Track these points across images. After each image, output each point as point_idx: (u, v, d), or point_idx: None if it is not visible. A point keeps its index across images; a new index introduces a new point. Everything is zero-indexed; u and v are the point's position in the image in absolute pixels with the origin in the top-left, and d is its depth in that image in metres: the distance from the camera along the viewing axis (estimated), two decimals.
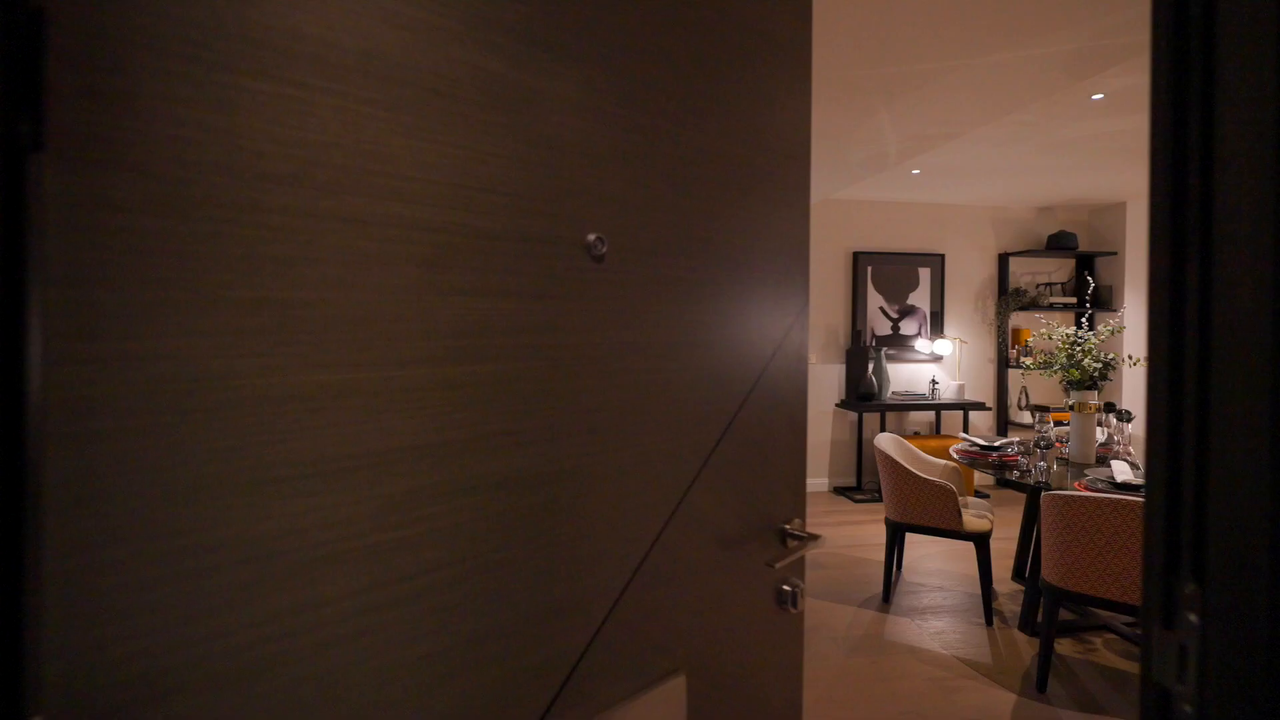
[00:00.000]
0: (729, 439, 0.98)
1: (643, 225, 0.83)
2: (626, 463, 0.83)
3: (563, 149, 0.74)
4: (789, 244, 1.10)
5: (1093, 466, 2.99)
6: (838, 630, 2.95)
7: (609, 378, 0.80)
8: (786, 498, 1.12)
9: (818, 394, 5.49)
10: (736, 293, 0.99)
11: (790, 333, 1.11)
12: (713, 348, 0.95)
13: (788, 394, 1.10)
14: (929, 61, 2.18)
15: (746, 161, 1.00)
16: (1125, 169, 4.34)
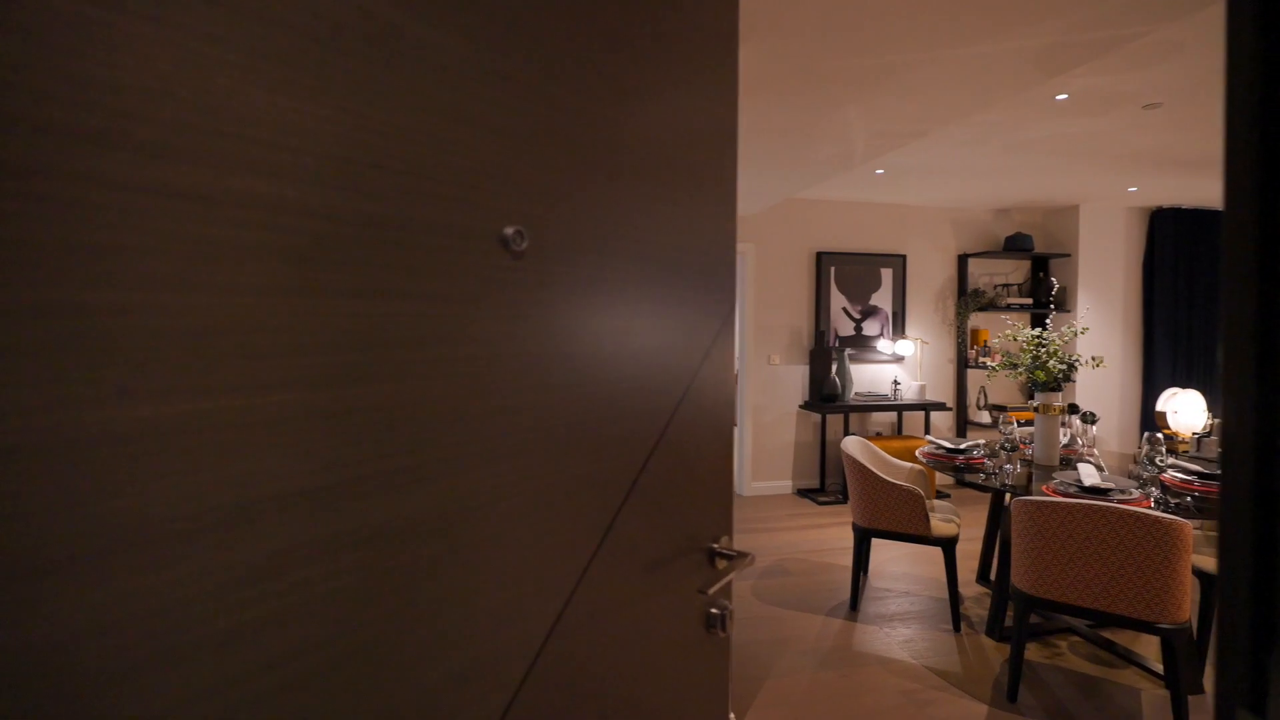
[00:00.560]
0: (658, 456, 0.87)
1: (569, 218, 0.70)
2: (549, 493, 0.69)
3: (475, 124, 0.60)
4: (717, 243, 1.01)
5: (1058, 469, 2.97)
6: (806, 642, 2.86)
7: (530, 395, 0.66)
8: (715, 514, 1.03)
9: (781, 395, 5.44)
10: (668, 296, 0.88)
11: (718, 338, 1.02)
12: (643, 357, 0.83)
13: (715, 403, 1.02)
14: (902, 53, 2.10)
15: (677, 153, 0.89)
16: (1079, 172, 4.39)
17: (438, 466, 0.57)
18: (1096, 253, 5.59)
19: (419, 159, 0.55)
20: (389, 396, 0.53)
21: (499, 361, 0.62)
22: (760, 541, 4.24)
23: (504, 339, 0.62)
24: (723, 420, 1.04)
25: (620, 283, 0.78)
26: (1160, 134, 3.51)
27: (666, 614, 0.91)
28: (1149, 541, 2.12)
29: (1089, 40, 1.97)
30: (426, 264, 0.55)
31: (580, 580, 0.73)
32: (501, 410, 0.62)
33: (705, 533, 1.00)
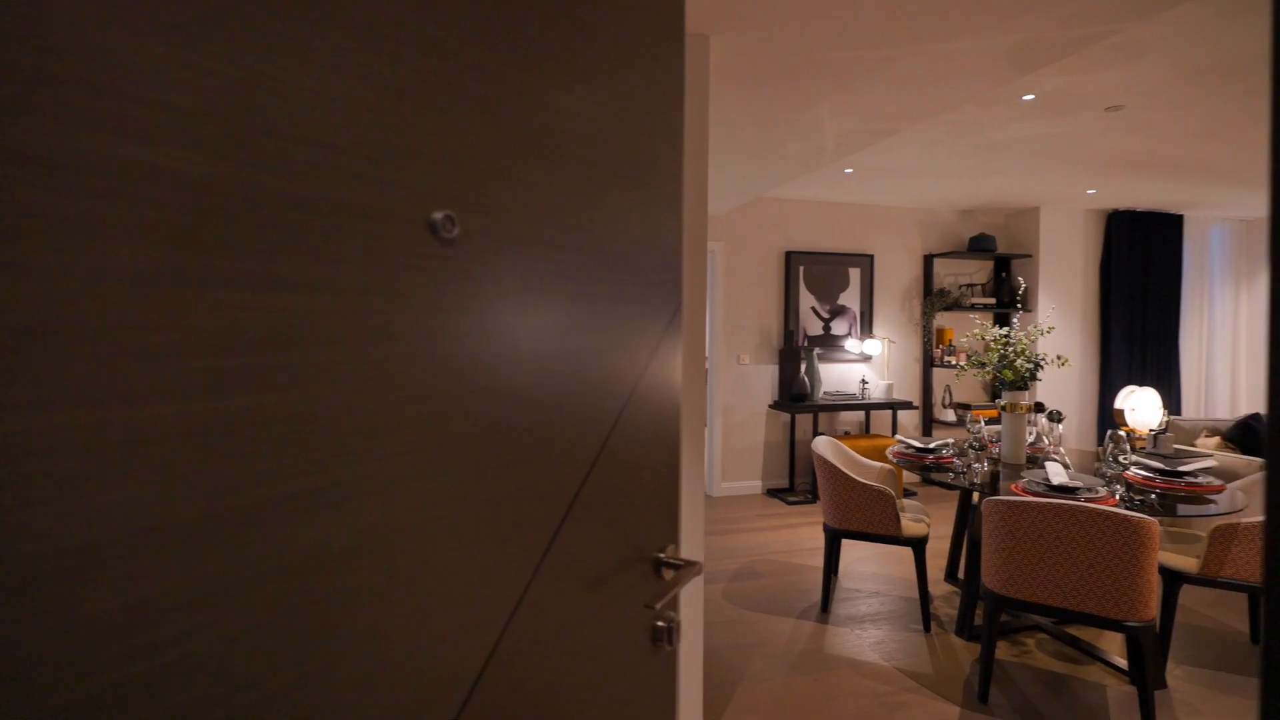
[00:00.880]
0: (602, 464, 0.80)
1: (505, 205, 0.62)
2: (484, 510, 0.61)
3: (401, 93, 0.51)
4: (664, 237, 0.95)
5: (1025, 467, 2.99)
6: (778, 645, 2.82)
7: (461, 402, 0.58)
8: (661, 523, 0.97)
9: (751, 395, 5.41)
10: (612, 292, 0.81)
11: (665, 337, 0.96)
12: (587, 358, 0.76)
13: (662, 407, 0.96)
14: (880, 47, 2.06)
15: (624, 139, 0.82)
16: (1042, 174, 4.46)
17: (353, 487, 0.48)
18: (1056, 254, 5.71)
19: (333, 128, 0.47)
20: (292, 407, 0.44)
21: (425, 364, 0.53)
22: (730, 543, 4.20)
23: (431, 338, 0.53)
24: (669, 423, 0.98)
25: (561, 276, 0.70)
26: (1120, 136, 3.57)
27: (611, 632, 0.84)
28: (1118, 540, 2.13)
29: (1062, 37, 1.96)
30: (339, 250, 0.46)
31: (519, 603, 0.65)
32: (428, 419, 0.54)
33: (651, 542, 0.94)
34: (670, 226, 0.97)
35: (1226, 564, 2.49)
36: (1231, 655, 2.79)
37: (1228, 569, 2.49)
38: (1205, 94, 2.93)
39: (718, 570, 3.71)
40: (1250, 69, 2.65)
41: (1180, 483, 2.68)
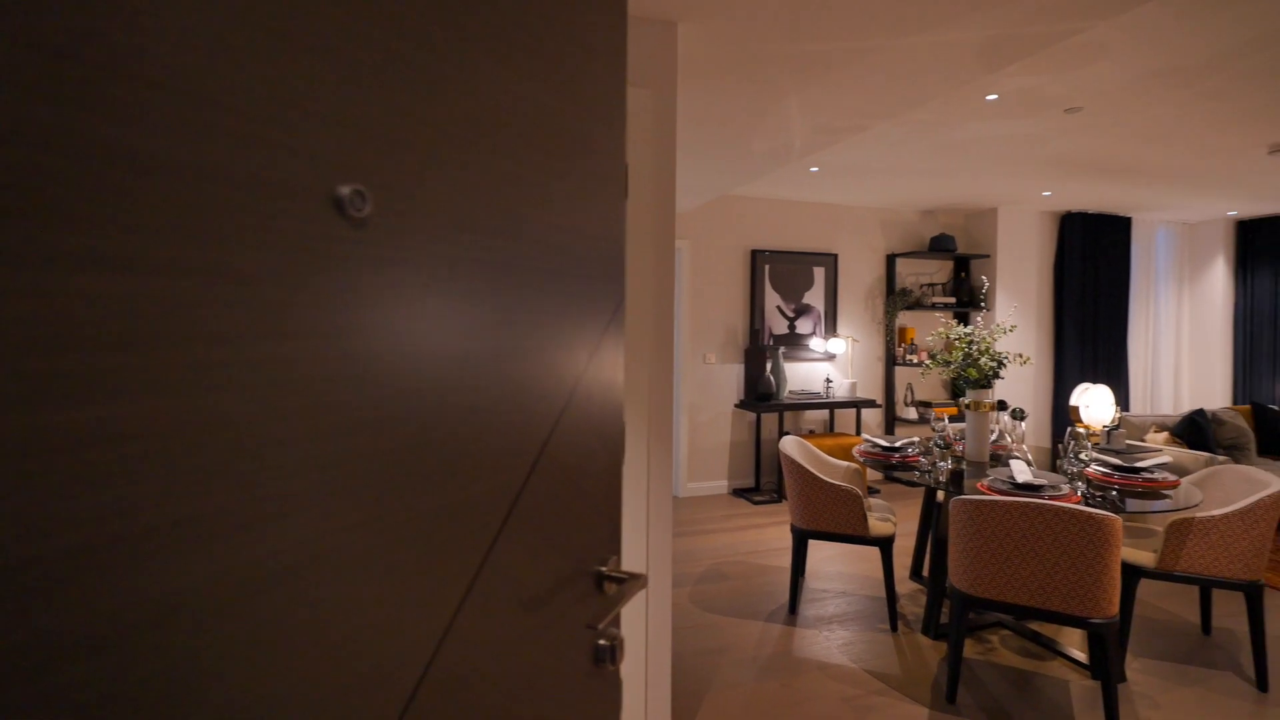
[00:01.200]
0: (540, 473, 0.72)
1: (429, 183, 0.53)
2: (403, 531, 0.52)
3: (303, 43, 0.42)
4: (607, 227, 0.87)
5: (989, 465, 3.00)
6: (746, 650, 2.76)
7: (376, 408, 0.49)
8: (603, 534, 0.90)
9: (717, 394, 5.37)
10: (550, 285, 0.73)
11: (607, 335, 0.89)
12: (523, 357, 0.68)
13: (603, 409, 0.88)
14: (851, 40, 2.01)
15: (563, 122, 0.74)
16: (1001, 175, 4.53)
17: (239, 514, 0.38)
18: (1013, 254, 5.83)
19: (214, 74, 0.37)
20: (156, 419, 0.34)
21: (329, 365, 0.44)
22: (697, 545, 4.14)
23: (336, 334, 0.44)
24: (611, 426, 0.91)
25: (492, 267, 0.61)
26: (1077, 138, 3.63)
27: (550, 655, 0.76)
28: (1083, 538, 2.13)
29: (1031, 33, 1.94)
30: (215, 226, 0.37)
31: (446, 633, 0.56)
32: (334, 431, 0.44)
33: (593, 555, 0.87)
34: (612, 217, 0.89)
35: (1182, 558, 2.53)
36: (1186, 647, 2.85)
37: (1183, 563, 2.53)
38: (1158, 97, 2.99)
39: (684, 573, 3.64)
40: (1202, 72, 2.71)
41: (1137, 479, 2.72)
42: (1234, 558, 2.48)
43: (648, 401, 1.90)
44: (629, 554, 1.88)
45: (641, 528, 1.90)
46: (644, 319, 1.88)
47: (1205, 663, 2.72)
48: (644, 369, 1.88)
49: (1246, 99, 3.02)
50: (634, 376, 1.87)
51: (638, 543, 1.89)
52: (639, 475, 1.89)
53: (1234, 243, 6.42)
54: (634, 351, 1.87)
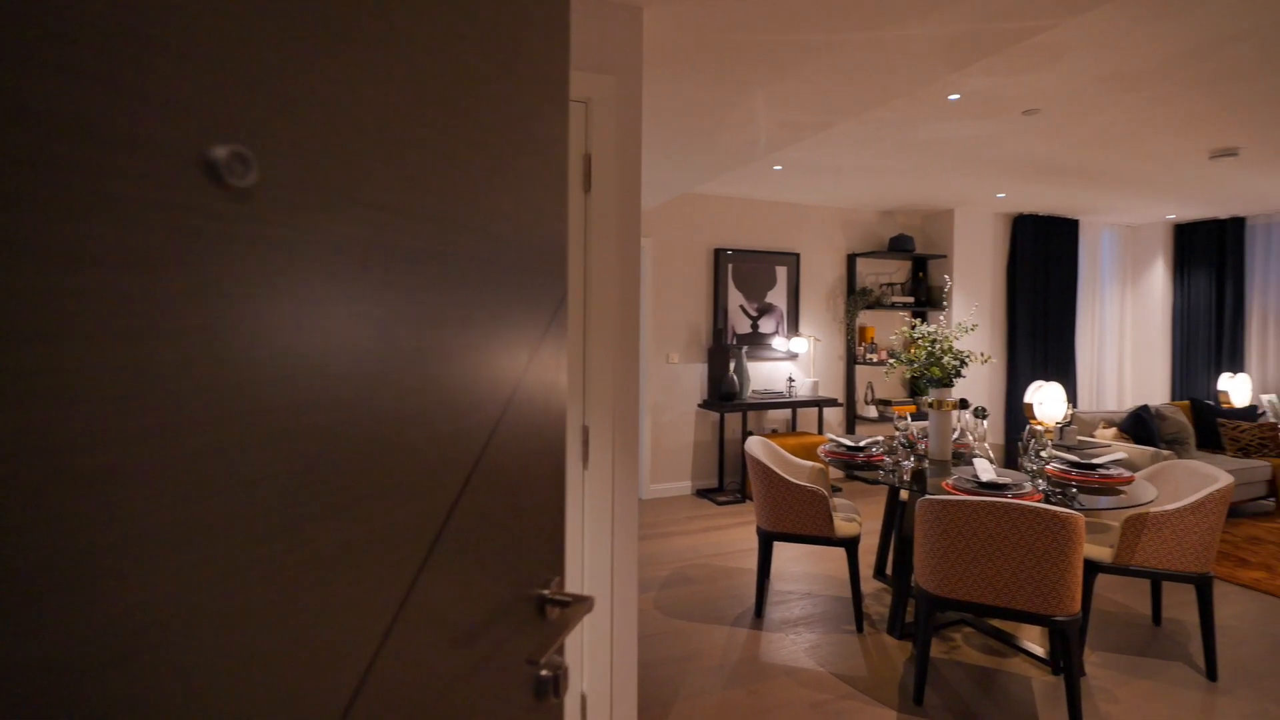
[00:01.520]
0: (473, 491, 0.63)
1: (338, 150, 0.43)
2: (302, 572, 0.42)
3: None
4: (548, 214, 0.78)
5: (952, 464, 3.01)
6: (713, 657, 2.70)
7: (262, 424, 0.39)
8: (545, 554, 0.81)
9: (680, 395, 5.32)
10: (484, 277, 0.63)
11: (548, 334, 0.80)
12: (453, 359, 0.58)
13: (544, 416, 0.79)
14: (816, 31, 1.96)
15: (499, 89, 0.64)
16: (958, 176, 4.60)
17: (75, 566, 0.28)
18: (968, 255, 5.94)
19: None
20: None
21: (201, 371, 0.34)
22: (661, 548, 4.07)
23: (209, 334, 0.34)
24: (553, 435, 0.82)
25: (415, 254, 0.51)
26: (1033, 141, 3.70)
27: (486, 696, 0.67)
28: (1048, 536, 2.13)
29: (996, 30, 1.93)
30: (53, 196, 0.26)
31: (359, 691, 0.46)
32: (207, 453, 0.34)
33: (534, 578, 0.78)
34: (554, 205, 0.80)
35: (1138, 552, 2.58)
36: (1139, 639, 2.91)
37: (1138, 557, 2.58)
38: (1110, 101, 3.05)
39: (649, 578, 3.57)
40: (1152, 77, 2.77)
41: (1094, 475, 2.76)
42: (1186, 551, 2.53)
43: (612, 403, 1.81)
44: (593, 563, 1.79)
45: (606, 535, 1.81)
46: (608, 318, 1.79)
47: (1158, 654, 2.78)
48: (609, 369, 1.79)
49: (1191, 104, 3.10)
50: (599, 378, 1.78)
51: (601, 551, 1.80)
52: (603, 480, 1.80)
53: (1172, 245, 6.69)
54: (598, 351, 1.78)
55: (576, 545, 1.78)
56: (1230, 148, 3.83)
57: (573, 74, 1.74)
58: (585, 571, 1.78)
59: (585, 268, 1.77)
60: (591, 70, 1.77)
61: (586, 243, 1.77)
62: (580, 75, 1.74)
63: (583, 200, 1.77)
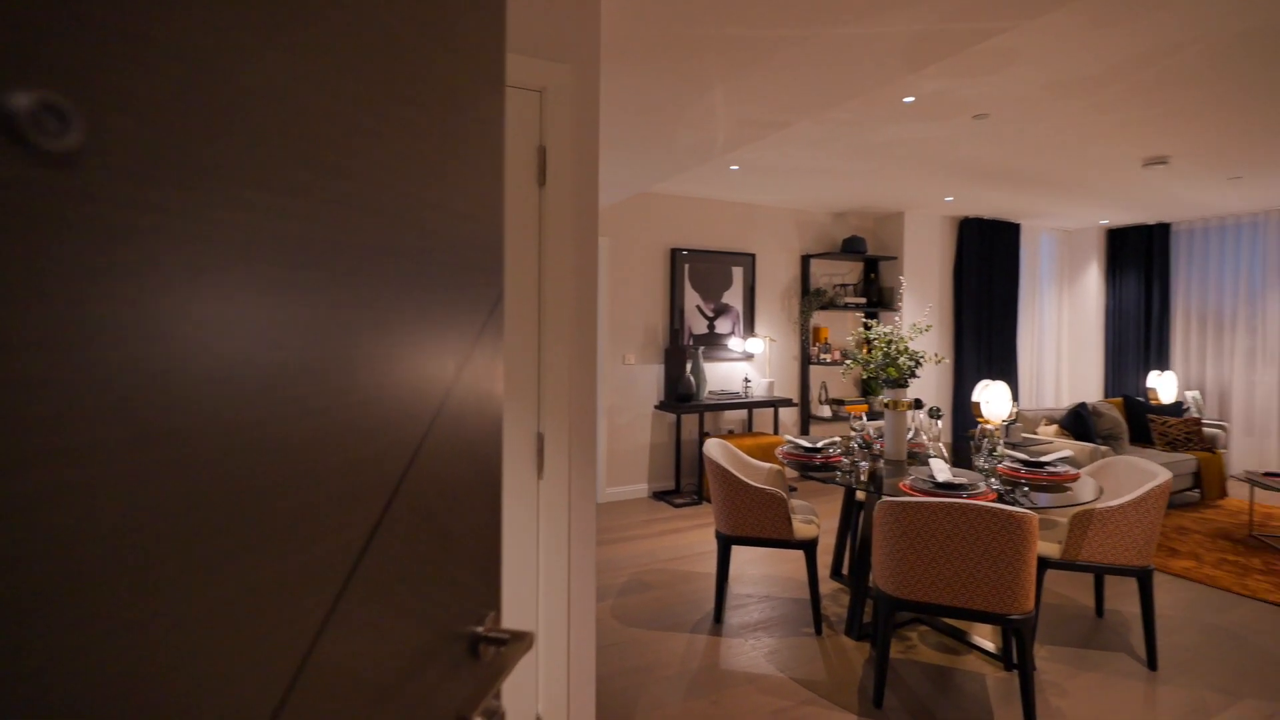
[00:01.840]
0: (391, 523, 0.53)
1: (203, 109, 0.33)
2: (169, 639, 0.33)
3: None
4: (482, 200, 0.69)
5: (906, 463, 3.03)
6: (673, 666, 2.64)
7: (97, 461, 0.29)
8: (478, 587, 0.72)
9: (636, 396, 5.25)
10: (403, 272, 0.54)
11: (483, 337, 0.70)
12: (365, 371, 0.49)
13: (478, 432, 0.70)
14: (777, 26, 1.91)
15: (425, 57, 0.55)
16: (909, 179, 4.67)
17: None
18: (917, 256, 6.07)
19: None
20: None
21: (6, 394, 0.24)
22: (617, 553, 4.00)
23: (13, 348, 0.24)
24: (488, 453, 0.73)
25: (314, 243, 0.41)
26: (981, 145, 3.78)
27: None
28: (1004, 536, 2.15)
29: (954, 31, 1.92)
30: None
31: None
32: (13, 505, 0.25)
33: (466, 615, 0.69)
34: (490, 192, 0.71)
35: (1084, 547, 2.64)
36: (1083, 631, 3.00)
37: (1085, 552, 2.64)
38: (1055, 108, 3.13)
39: (606, 585, 3.48)
40: (1095, 85, 2.85)
41: (1043, 473, 2.82)
42: (1129, 545, 2.61)
43: (569, 409, 1.72)
44: (548, 578, 1.70)
45: (562, 548, 1.72)
46: (564, 319, 1.70)
47: (1102, 645, 2.86)
48: (565, 373, 1.70)
49: (1129, 113, 3.22)
50: (554, 382, 1.69)
51: (558, 565, 1.71)
52: (560, 490, 1.71)
53: (1105, 249, 7.00)
54: (554, 355, 1.68)
55: (531, 560, 1.68)
56: (1162, 156, 4.00)
57: (527, 62, 1.64)
58: (540, 587, 1.69)
59: (540, 266, 1.68)
60: (547, 58, 1.67)
61: (541, 240, 1.68)
62: (534, 63, 1.65)
63: (537, 195, 1.68)
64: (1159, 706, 2.40)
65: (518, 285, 1.65)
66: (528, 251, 1.67)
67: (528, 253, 1.67)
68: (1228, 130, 3.48)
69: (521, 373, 1.66)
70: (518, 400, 1.65)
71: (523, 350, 1.66)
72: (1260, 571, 3.72)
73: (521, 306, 1.66)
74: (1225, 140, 3.66)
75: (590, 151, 1.73)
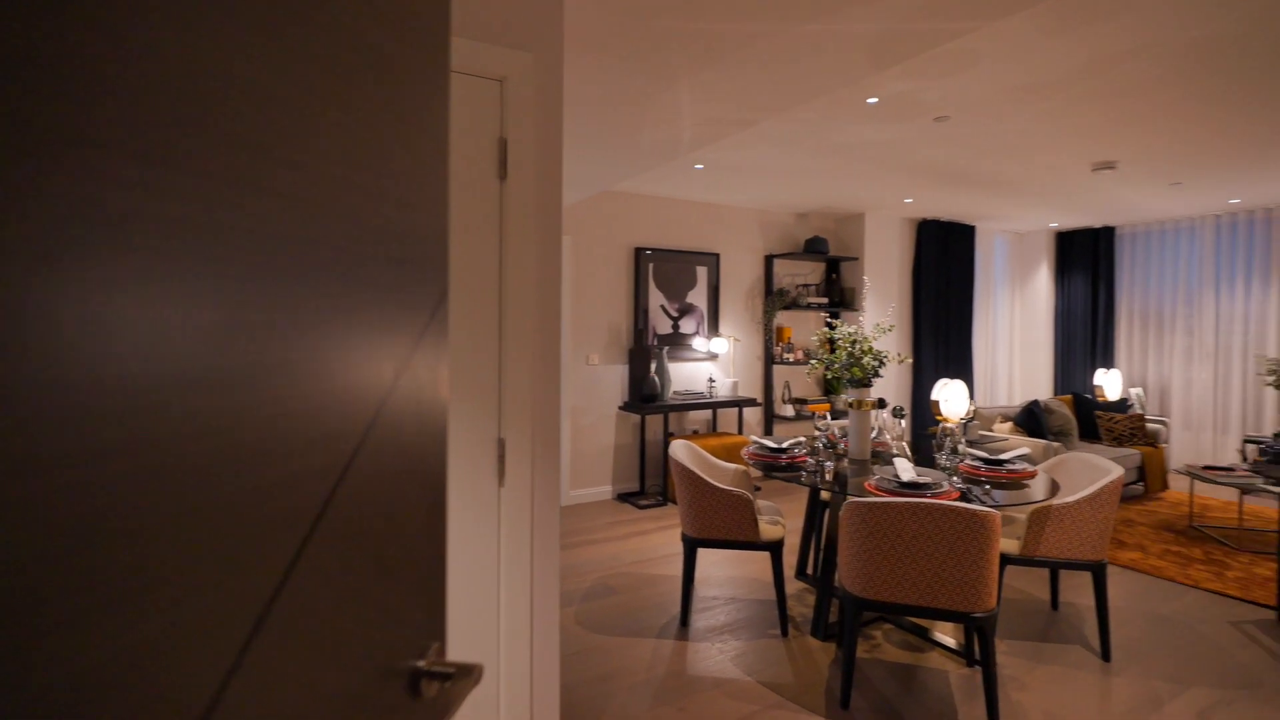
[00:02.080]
0: (315, 553, 0.46)
1: (64, 62, 0.26)
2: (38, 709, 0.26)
3: None
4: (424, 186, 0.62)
5: (872, 463, 3.04)
6: (638, 674, 2.59)
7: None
8: (419, 617, 0.65)
9: (600, 397, 5.18)
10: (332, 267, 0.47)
11: (425, 340, 0.64)
12: (283, 381, 0.41)
13: (419, 444, 0.63)
14: (747, 21, 1.88)
15: (354, 23, 0.49)
16: (870, 180, 4.72)
17: None
18: (877, 257, 6.16)
19: None
20: None
21: None
22: (582, 557, 3.92)
23: None
24: (430, 468, 0.67)
25: (217, 231, 0.34)
26: (940, 148, 3.83)
27: None
28: (968, 535, 2.16)
29: (919, 30, 1.91)
30: None
31: None
32: None
33: (405, 649, 0.62)
34: (432, 173, 0.64)
35: (1042, 543, 2.69)
36: (1039, 624, 3.06)
37: (1043, 548, 2.69)
38: (1012, 112, 3.18)
39: (570, 590, 3.41)
40: (1050, 90, 2.90)
41: (1002, 470, 2.86)
42: (1084, 540, 2.67)
43: (532, 412, 1.65)
44: (509, 589, 1.62)
45: (525, 558, 1.64)
46: (527, 319, 1.62)
47: (1058, 638, 2.92)
48: (527, 376, 1.63)
49: (1081, 118, 3.30)
50: (516, 385, 1.61)
51: (520, 576, 1.64)
52: (522, 497, 1.63)
53: (1054, 251, 7.23)
54: (516, 356, 1.61)
55: (491, 573, 1.60)
56: (1110, 161, 4.13)
57: (486, 49, 1.56)
58: (502, 601, 1.61)
59: (501, 264, 1.60)
60: (508, 45, 1.60)
61: (502, 236, 1.60)
62: (495, 50, 1.57)
63: (498, 189, 1.60)
64: (1114, 697, 2.46)
65: (477, 284, 1.57)
66: (488, 248, 1.59)
67: (488, 250, 1.59)
68: (1172, 137, 3.60)
69: (481, 376, 1.58)
70: (477, 405, 1.57)
71: (482, 352, 1.58)
72: (1201, 561, 3.87)
73: (481, 306, 1.58)
74: (1169, 147, 3.80)
75: (554, 144, 1.66)
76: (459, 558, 1.56)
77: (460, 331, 1.55)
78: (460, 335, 1.55)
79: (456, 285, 1.54)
